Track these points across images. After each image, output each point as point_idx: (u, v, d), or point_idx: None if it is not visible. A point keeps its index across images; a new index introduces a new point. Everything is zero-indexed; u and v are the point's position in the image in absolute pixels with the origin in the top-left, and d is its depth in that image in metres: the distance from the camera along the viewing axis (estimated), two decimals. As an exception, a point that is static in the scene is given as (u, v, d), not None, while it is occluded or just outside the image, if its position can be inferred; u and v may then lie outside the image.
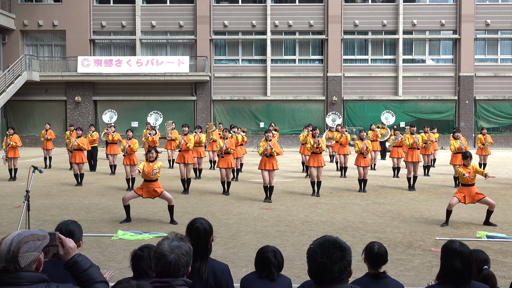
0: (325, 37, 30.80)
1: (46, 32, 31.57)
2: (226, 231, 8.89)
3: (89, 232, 8.78)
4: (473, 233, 8.87)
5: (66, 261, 2.74)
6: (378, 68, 31.21)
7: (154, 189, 9.66)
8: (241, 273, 6.00)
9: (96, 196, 12.72)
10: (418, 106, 30.98)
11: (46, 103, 31.25)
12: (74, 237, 3.43)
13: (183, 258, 2.60)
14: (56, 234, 2.69)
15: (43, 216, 10.19)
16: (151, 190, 9.66)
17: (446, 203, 11.71)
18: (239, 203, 11.71)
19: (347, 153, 16.64)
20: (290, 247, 7.81)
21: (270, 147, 11.94)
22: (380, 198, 12.57)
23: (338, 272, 2.37)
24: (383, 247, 4.09)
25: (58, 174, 17.37)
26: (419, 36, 31.11)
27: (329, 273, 2.36)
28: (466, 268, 3.27)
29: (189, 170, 13.48)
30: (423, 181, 15.39)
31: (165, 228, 9.13)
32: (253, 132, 30.73)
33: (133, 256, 3.62)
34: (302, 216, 10.21)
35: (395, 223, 9.63)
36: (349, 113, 31.09)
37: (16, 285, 2.42)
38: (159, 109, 28.48)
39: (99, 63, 29.89)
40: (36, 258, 2.50)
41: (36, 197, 12.26)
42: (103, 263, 6.87)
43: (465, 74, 30.67)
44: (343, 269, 2.39)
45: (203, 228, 3.56)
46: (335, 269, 2.37)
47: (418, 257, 7.31)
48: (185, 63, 29.73)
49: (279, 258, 4.06)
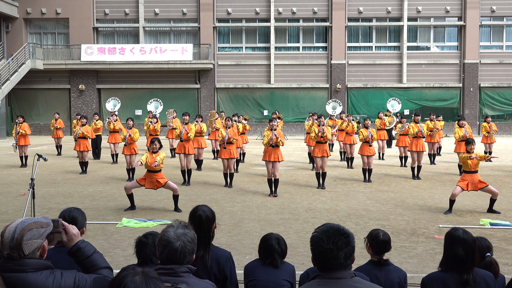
0: (329, 24, 30.61)
1: (49, 20, 31.49)
2: (230, 218, 8.92)
3: (94, 219, 8.82)
4: (477, 220, 8.87)
5: (69, 248, 2.75)
6: (382, 55, 31.03)
7: (157, 180, 9.59)
8: (245, 260, 6.02)
9: (100, 184, 12.76)
10: (422, 93, 30.84)
11: (50, 91, 31.26)
12: (77, 224, 3.44)
13: (189, 245, 2.62)
14: (59, 221, 2.71)
15: (48, 204, 10.24)
16: (154, 181, 9.60)
17: (450, 190, 11.69)
18: (243, 191, 11.72)
19: (354, 143, 16.14)
20: (294, 234, 7.83)
21: (276, 136, 11.26)
22: (384, 185, 12.56)
23: (344, 258, 2.40)
24: (387, 234, 4.10)
25: (62, 162, 17.43)
26: (424, 23, 30.87)
27: (335, 259, 2.38)
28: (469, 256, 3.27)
29: (189, 160, 13.02)
30: (427, 169, 15.36)
31: (169, 216, 9.16)
32: (257, 120, 30.70)
33: (137, 243, 3.64)
34: (306, 204, 10.22)
35: (399, 210, 9.63)
36: (353, 100, 30.99)
37: (21, 272, 2.44)
38: (163, 97, 28.45)
39: (102, 51, 29.83)
40: (40, 245, 2.52)
41: (41, 185, 12.31)
42: (108, 250, 6.91)
43: (470, 61, 30.46)
44: (349, 255, 2.42)
45: (205, 216, 3.56)
46: (341, 255, 2.39)
47: (422, 244, 7.31)
48: (189, 51, 29.64)
49: (282, 245, 4.07)
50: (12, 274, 2.43)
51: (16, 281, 2.42)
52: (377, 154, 17.29)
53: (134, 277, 2.06)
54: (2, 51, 30.05)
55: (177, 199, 9.65)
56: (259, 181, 13.11)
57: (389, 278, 3.85)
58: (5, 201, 10.59)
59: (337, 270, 2.40)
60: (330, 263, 2.39)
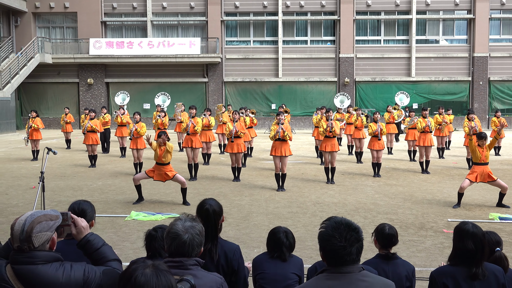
0: (337, 17, 30.46)
1: (57, 14, 31.57)
2: (238, 212, 8.94)
3: (103, 213, 8.87)
4: (486, 214, 8.83)
5: (78, 240, 2.77)
6: (391, 48, 30.85)
7: (166, 173, 9.61)
8: (253, 254, 6.04)
9: (109, 178, 12.82)
10: (431, 87, 30.65)
11: (59, 85, 31.40)
12: (86, 216, 3.45)
13: (197, 238, 2.63)
14: (68, 214, 2.72)
15: (57, 197, 10.31)
16: (162, 174, 9.63)
17: (459, 184, 11.64)
18: (251, 185, 11.74)
19: (363, 137, 16.02)
20: (302, 228, 7.84)
21: (282, 130, 11.06)
22: (392, 179, 12.53)
23: (356, 253, 2.40)
24: (393, 228, 4.09)
25: (71, 155, 17.53)
26: (433, 16, 30.63)
27: (349, 256, 2.38)
28: (479, 250, 3.26)
29: (196, 154, 12.88)
30: (436, 163, 15.29)
31: (177, 209, 9.20)
32: (265, 114, 30.67)
33: (147, 236, 3.66)
34: (314, 198, 10.22)
35: (407, 204, 9.61)
36: (361, 94, 30.86)
37: (31, 264, 2.46)
38: (171, 91, 28.50)
39: (110, 45, 29.89)
40: (49, 237, 2.54)
41: (50, 178, 12.39)
42: (117, 243, 6.95)
43: (479, 55, 30.21)
44: (360, 249, 2.43)
45: (212, 209, 3.56)
46: (354, 251, 2.39)
47: (430, 238, 7.29)
48: (196, 44, 29.63)
49: (290, 238, 4.07)
50: (23, 266, 2.45)
51: (27, 273, 2.45)
52: (386, 148, 17.15)
53: (144, 270, 2.07)
54: (12, 45, 30.20)
55: (185, 192, 9.68)
56: (267, 174, 13.12)
57: (396, 272, 3.85)
58: (16, 194, 10.68)
59: (347, 265, 2.40)
60: (343, 260, 2.39)
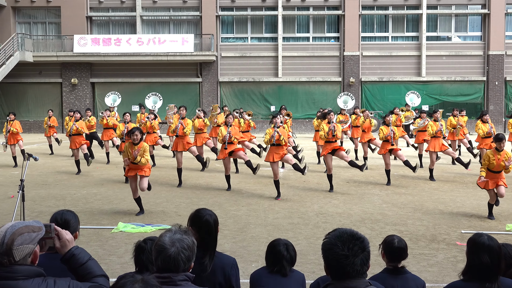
0: (342, 12, 30.55)
1: (39, 9, 31.59)
2: (234, 223, 8.94)
3: (88, 224, 8.86)
4: (502, 226, 8.84)
5: (63, 254, 2.77)
6: (399, 46, 30.93)
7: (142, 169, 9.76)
8: (251, 268, 6.04)
9: (95, 186, 12.81)
10: (443, 88, 30.73)
11: (40, 86, 31.39)
12: (70, 228, 3.45)
13: (184, 253, 2.61)
14: (52, 225, 2.72)
15: (38, 207, 10.29)
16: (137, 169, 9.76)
17: (474, 193, 11.69)
18: (248, 193, 11.74)
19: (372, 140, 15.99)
20: (304, 240, 7.84)
21: (278, 133, 11.02)
22: (401, 188, 12.54)
23: (361, 265, 2.41)
24: (403, 240, 4.10)
25: (54, 162, 17.50)
26: (445, 11, 30.75)
27: (351, 266, 2.39)
28: (494, 264, 3.26)
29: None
30: (448, 169, 15.31)
31: (169, 220, 9.19)
32: (263, 116, 30.69)
33: (136, 248, 3.66)
34: (317, 208, 10.22)
35: (417, 215, 9.62)
36: (367, 95, 30.93)
37: (11, 279, 2.45)
38: (162, 92, 28.47)
39: (96, 42, 29.92)
40: (31, 251, 2.53)
41: (31, 186, 12.36)
42: (103, 257, 6.94)
43: (494, 53, 30.32)
44: (365, 261, 2.43)
45: (213, 220, 3.57)
46: (357, 261, 2.40)
47: (442, 251, 7.30)
48: (190, 41, 29.68)
49: (291, 251, 4.07)
50: (2, 282, 2.45)
51: (6, 289, 2.45)
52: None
53: (133, 285, 2.08)
54: (-11, 42, 30.21)
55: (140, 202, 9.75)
56: (265, 182, 13.11)
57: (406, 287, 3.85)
58: (-7, 203, 10.66)
59: (352, 278, 2.41)
60: (346, 270, 2.40)
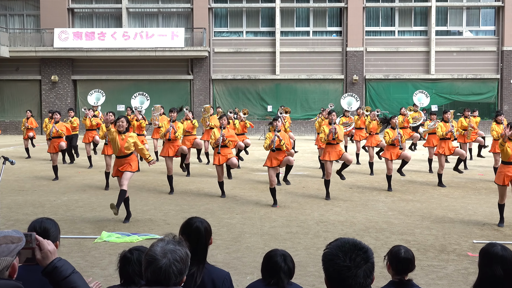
0: (344, 5, 30.64)
1: (16, 0, 31.55)
2: (228, 232, 8.94)
3: (69, 233, 8.84)
4: (517, 235, 8.88)
5: (44, 267, 2.76)
6: (406, 41, 31.04)
7: (127, 164, 9.80)
8: (246, 281, 6.05)
9: (76, 192, 12.79)
10: (453, 86, 30.84)
11: (17, 83, 31.35)
12: (50, 237, 3.45)
13: (176, 265, 2.60)
14: (33, 235, 2.71)
15: (14, 215, 10.26)
16: (123, 165, 9.79)
17: (486, 200, 11.72)
18: (243, 200, 11.75)
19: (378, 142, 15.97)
20: (303, 251, 7.85)
21: (278, 138, 11.02)
22: (408, 194, 12.57)
23: (364, 277, 2.42)
24: (410, 251, 4.12)
25: (32, 166, 17.47)
26: (455, 4, 30.88)
27: (353, 279, 2.40)
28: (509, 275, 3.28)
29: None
30: (459, 174, 15.34)
31: (156, 229, 9.18)
32: (260, 117, 30.72)
33: (121, 259, 3.66)
34: (317, 215, 10.24)
35: (426, 223, 9.64)
36: (372, 94, 31.01)
37: (-13, 294, 2.45)
38: (149, 90, 28.43)
39: (79, 36, 29.90)
40: (9, 263, 2.53)
41: (6, 192, 12.33)
42: (85, 270, 6.93)
43: (509, 49, 30.46)
44: (369, 273, 2.44)
45: (203, 227, 3.59)
46: (360, 273, 2.41)
47: (453, 263, 7.33)
48: (180, 36, 29.69)
49: (289, 263, 4.08)
50: (-23, 297, 2.45)
51: (-18, 305, 2.44)
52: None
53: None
54: (-38, 36, 30.17)
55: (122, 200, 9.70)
56: (262, 188, 13.13)
57: (413, 302, 3.87)
58: (-35, 211, 10.63)
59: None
60: (348, 283, 2.41)
